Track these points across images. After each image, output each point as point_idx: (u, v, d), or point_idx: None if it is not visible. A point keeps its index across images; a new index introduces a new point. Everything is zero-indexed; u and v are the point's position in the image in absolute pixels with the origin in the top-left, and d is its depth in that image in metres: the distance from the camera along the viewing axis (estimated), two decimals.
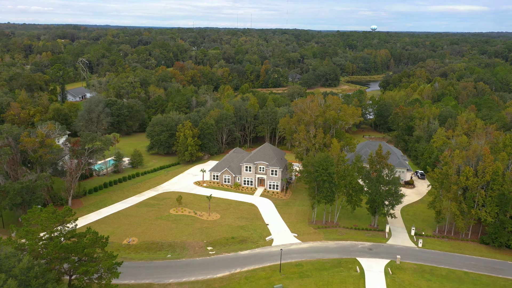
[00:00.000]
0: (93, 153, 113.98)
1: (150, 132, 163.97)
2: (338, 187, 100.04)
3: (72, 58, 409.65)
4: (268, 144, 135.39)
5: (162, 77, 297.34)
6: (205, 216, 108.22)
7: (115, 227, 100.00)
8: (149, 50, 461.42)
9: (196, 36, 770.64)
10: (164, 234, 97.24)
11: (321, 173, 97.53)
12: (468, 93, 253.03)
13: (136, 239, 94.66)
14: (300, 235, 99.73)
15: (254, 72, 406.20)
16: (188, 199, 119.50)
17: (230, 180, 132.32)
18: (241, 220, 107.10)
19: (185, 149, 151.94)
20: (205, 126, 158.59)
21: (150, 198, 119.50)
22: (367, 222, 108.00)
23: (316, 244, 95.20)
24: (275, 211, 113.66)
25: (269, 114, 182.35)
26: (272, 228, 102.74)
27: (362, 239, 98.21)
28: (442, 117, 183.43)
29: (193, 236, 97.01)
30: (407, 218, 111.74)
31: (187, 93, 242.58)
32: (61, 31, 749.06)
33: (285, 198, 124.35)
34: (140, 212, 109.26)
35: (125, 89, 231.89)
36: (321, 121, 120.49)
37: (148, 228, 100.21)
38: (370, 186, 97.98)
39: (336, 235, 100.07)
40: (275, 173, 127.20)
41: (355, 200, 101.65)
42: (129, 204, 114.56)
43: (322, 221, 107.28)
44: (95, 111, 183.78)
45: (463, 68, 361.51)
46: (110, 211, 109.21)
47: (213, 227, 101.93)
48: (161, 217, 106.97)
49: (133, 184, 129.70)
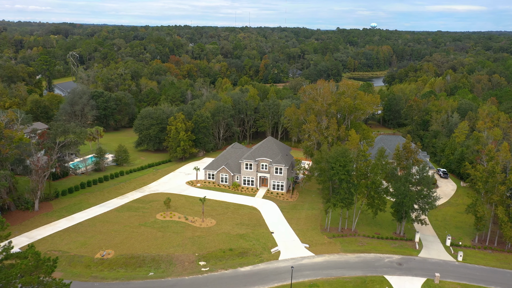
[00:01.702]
0: (66, 147, 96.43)
1: (138, 126, 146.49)
2: (358, 188, 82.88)
3: (63, 53, 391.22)
4: (272, 138, 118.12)
5: (155, 70, 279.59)
6: (198, 223, 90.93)
7: (88, 236, 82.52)
8: (144, 45, 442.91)
9: (194, 33, 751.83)
10: (147, 245, 79.83)
11: (338, 171, 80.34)
12: (483, 86, 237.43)
13: (112, 251, 77.20)
14: (313, 245, 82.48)
15: (253, 67, 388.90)
16: (179, 202, 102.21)
17: (228, 180, 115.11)
18: (241, 227, 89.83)
19: (177, 145, 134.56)
20: (200, 119, 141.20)
21: (134, 201, 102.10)
22: (391, 229, 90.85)
23: (333, 258, 77.92)
24: (280, 216, 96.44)
25: (271, 107, 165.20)
26: (278, 237, 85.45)
27: (388, 251, 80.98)
28: (461, 110, 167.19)
29: (183, 248, 79.66)
30: (436, 224, 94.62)
31: (181, 86, 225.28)
32: (55, 27, 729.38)
33: (291, 200, 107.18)
34: (120, 218, 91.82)
35: (114, 81, 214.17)
36: (334, 110, 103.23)
37: (128, 237, 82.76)
38: (397, 186, 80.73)
39: (356, 246, 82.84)
40: (280, 171, 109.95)
41: (378, 203, 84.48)
42: (108, 207, 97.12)
43: (337, 228, 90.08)
44: (79, 104, 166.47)
45: (472, 62, 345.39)
46: (84, 216, 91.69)
47: (207, 236, 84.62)
48: (145, 223, 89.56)
49: (115, 184, 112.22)
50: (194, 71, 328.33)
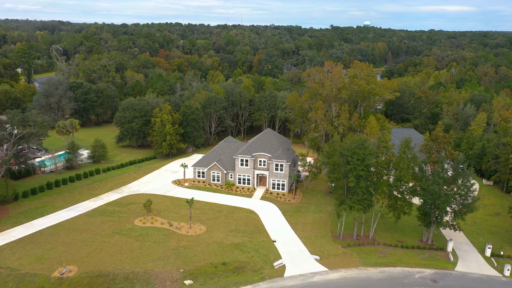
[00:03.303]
0: (25, 140, 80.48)
1: (120, 119, 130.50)
2: (379, 187, 68.10)
3: (46, 47, 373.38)
4: (271, 130, 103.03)
5: (143, 63, 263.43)
6: (184, 229, 75.57)
7: (47, 248, 66.76)
8: (132, 40, 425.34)
9: (185, 30, 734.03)
10: (120, 259, 64.29)
11: (355, 166, 65.46)
12: (490, 78, 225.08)
13: (75, 268, 61.55)
14: (324, 257, 67.52)
15: (247, 62, 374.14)
16: (163, 204, 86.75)
17: (221, 178, 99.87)
18: (236, 234, 74.65)
19: (162, 139, 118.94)
20: (189, 111, 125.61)
21: (109, 204, 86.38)
22: (415, 236, 76.25)
23: (351, 274, 63.01)
24: (283, 221, 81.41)
25: (268, 99, 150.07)
26: (281, 247, 70.38)
27: (417, 264, 66.26)
28: (474, 102, 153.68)
29: (165, 262, 64.26)
30: (467, 229, 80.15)
31: (170, 79, 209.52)
32: (42, 23, 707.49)
33: (294, 201, 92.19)
34: (90, 224, 76.14)
35: (97, 73, 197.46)
36: (346, 95, 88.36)
37: (97, 249, 67.17)
38: (428, 184, 65.99)
39: (377, 258, 68.03)
40: (281, 168, 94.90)
41: (402, 205, 69.76)
42: (77, 212, 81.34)
43: (352, 235, 75.23)
44: (55, 95, 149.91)
45: (474, 57, 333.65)
46: (46, 222, 75.85)
47: (195, 247, 69.32)
48: (120, 231, 73.97)
49: (89, 184, 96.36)
50: (185, 65, 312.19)
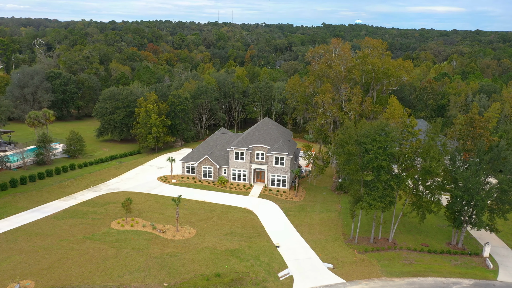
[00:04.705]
0: None
1: (100, 110, 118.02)
2: (403, 181, 56.91)
3: (29, 41, 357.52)
4: (269, 120, 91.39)
5: (130, 56, 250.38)
6: (170, 233, 63.72)
7: (0, 258, 54.44)
8: (120, 35, 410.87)
9: (175, 27, 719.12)
10: (89, 271, 52.29)
11: (377, 155, 54.22)
12: (493, 71, 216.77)
13: (31, 283, 49.42)
14: (339, 266, 56.11)
15: (238, 57, 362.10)
16: (146, 204, 74.78)
17: (213, 174, 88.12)
18: (232, 238, 62.99)
19: (147, 132, 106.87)
20: (177, 100, 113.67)
21: (83, 203, 74.17)
22: (441, 238, 65.27)
23: (374, 286, 51.68)
24: (286, 222, 69.96)
25: (263, 90, 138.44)
26: (286, 254, 58.85)
27: (451, 273, 55.16)
28: (484, 92, 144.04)
29: (145, 274, 52.39)
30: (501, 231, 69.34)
31: (158, 71, 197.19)
32: (27, 20, 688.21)
33: (297, 199, 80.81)
34: (58, 228, 63.94)
35: (79, 64, 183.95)
36: (357, 76, 77.02)
37: (62, 258, 55.04)
38: (465, 177, 54.86)
39: (402, 265, 56.80)
40: (281, 161, 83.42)
41: (428, 202, 58.61)
42: (44, 213, 69.06)
43: (368, 238, 63.98)
44: (30, 86, 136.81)
45: (472, 51, 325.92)
46: (4, 226, 63.46)
47: (182, 254, 57.52)
48: (93, 235, 61.86)
49: (62, 181, 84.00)
50: (174, 60, 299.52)
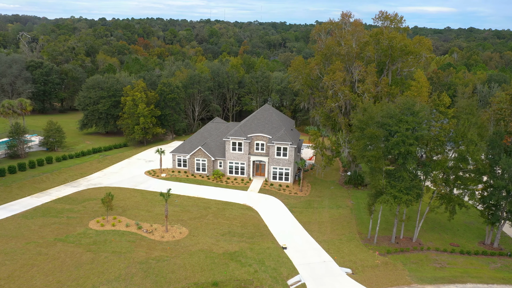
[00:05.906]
0: None
1: (83, 99, 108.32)
2: (435, 168, 48.25)
3: (15, 36, 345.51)
4: (269, 107, 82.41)
5: (119, 49, 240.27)
6: (158, 233, 54.46)
7: None
8: (110, 31, 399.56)
9: (166, 24, 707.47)
10: (58, 281, 42.91)
11: (403, 139, 45.49)
12: (496, 63, 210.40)
13: None
14: (359, 270, 47.27)
15: (232, 53, 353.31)
16: (131, 201, 65.43)
17: (207, 167, 78.90)
18: (231, 239, 53.88)
19: (135, 123, 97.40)
20: (167, 89, 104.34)
21: (58, 200, 64.60)
22: (471, 237, 56.73)
23: None
24: (292, 220, 61.03)
25: (260, 80, 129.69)
26: (296, 257, 49.87)
27: (493, 278, 46.60)
28: (494, 82, 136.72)
29: (126, 283, 43.13)
30: None
31: (148, 64, 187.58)
32: (15, 16, 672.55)
33: (302, 194, 71.97)
34: (25, 228, 54.37)
35: (63, 55, 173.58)
36: (372, 53, 68.31)
37: (26, 265, 45.59)
38: (508, 164, 46.35)
39: (433, 270, 48.10)
40: (284, 152, 74.51)
41: (458, 197, 50.02)
42: (11, 211, 59.43)
43: (389, 238, 55.21)
44: (8, 75, 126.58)
45: (470, 45, 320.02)
46: None
47: (172, 258, 48.31)
48: (67, 237, 52.42)
49: (35, 176, 74.28)
50: (166, 55, 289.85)
